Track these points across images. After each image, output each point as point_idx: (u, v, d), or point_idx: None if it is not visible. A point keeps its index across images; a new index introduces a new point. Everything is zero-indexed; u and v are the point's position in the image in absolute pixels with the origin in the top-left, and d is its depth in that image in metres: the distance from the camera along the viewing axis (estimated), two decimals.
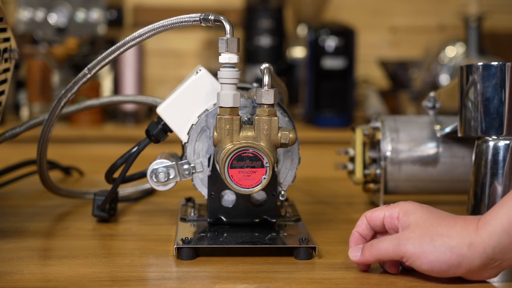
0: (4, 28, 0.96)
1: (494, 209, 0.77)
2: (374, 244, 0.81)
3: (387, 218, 0.82)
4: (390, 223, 0.82)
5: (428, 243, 0.77)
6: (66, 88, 0.94)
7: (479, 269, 0.77)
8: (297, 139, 0.89)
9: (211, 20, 0.89)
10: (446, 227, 0.78)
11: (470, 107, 0.94)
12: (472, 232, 0.77)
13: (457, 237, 0.77)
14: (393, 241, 0.79)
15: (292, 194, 1.13)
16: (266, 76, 0.86)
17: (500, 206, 0.77)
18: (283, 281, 0.79)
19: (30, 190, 1.25)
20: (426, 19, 2.93)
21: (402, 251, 0.78)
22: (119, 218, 1.06)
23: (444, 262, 0.76)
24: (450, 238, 0.77)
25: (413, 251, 0.77)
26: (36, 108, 2.43)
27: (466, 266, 0.77)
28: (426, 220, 0.79)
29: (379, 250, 0.80)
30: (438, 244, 0.77)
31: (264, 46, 2.58)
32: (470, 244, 0.76)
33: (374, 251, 0.80)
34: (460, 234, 0.77)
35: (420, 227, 0.79)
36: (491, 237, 0.75)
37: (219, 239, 0.88)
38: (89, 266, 0.84)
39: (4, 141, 1.04)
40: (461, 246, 0.76)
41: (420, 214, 0.80)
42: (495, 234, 0.75)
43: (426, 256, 0.77)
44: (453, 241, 0.76)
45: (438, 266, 0.77)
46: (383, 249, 0.80)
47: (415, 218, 0.80)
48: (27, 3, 2.52)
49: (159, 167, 0.94)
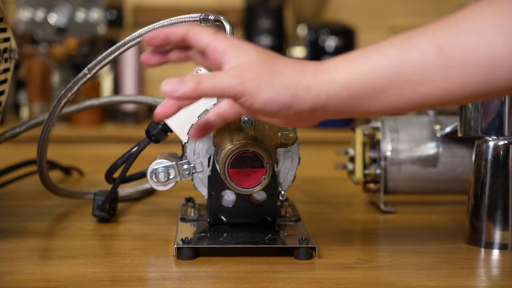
0: (4, 28, 0.96)
1: (340, 59, 0.73)
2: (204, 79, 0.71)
3: (212, 48, 0.73)
4: (214, 56, 0.73)
5: (265, 81, 0.71)
6: (66, 88, 0.94)
7: (307, 114, 0.73)
8: (297, 139, 0.89)
9: (211, 20, 0.89)
10: (284, 67, 0.72)
11: (470, 107, 0.94)
12: (311, 74, 0.72)
13: (295, 77, 0.71)
14: (228, 77, 0.71)
15: (292, 194, 1.13)
16: None
17: (348, 59, 0.72)
18: (283, 281, 0.79)
19: (30, 190, 1.25)
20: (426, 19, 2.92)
21: (238, 88, 0.70)
22: (119, 218, 1.06)
23: (278, 102, 0.71)
24: (288, 78, 0.71)
25: (249, 89, 0.70)
26: (36, 108, 2.43)
27: (297, 108, 0.71)
28: (262, 59, 0.72)
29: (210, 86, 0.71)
30: (275, 84, 0.71)
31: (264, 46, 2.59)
32: (307, 87, 0.71)
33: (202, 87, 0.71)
34: (299, 74, 0.72)
35: (257, 65, 0.72)
36: (330, 85, 0.71)
37: (219, 239, 0.88)
38: (89, 266, 0.84)
39: (4, 141, 1.04)
40: (297, 87, 0.71)
41: (255, 53, 0.73)
42: (335, 83, 0.71)
43: (261, 95, 0.71)
44: (290, 81, 0.71)
45: (271, 105, 0.71)
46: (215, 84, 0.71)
47: (249, 55, 0.72)
48: (27, 3, 2.52)
49: (159, 167, 0.94)
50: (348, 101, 0.72)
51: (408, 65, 0.70)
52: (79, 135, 2.37)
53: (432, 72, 0.70)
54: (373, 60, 0.71)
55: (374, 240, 1.00)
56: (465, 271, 0.84)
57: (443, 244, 0.94)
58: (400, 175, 1.10)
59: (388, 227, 1.06)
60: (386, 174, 1.10)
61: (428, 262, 0.86)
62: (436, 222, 1.07)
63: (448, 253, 0.90)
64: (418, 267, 0.84)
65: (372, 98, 0.71)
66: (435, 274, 0.82)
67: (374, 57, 0.71)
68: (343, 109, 0.73)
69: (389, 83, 0.71)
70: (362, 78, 0.71)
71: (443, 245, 0.94)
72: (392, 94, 0.71)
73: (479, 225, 0.92)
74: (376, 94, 0.71)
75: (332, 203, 1.19)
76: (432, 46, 0.70)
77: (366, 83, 0.71)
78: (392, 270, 0.84)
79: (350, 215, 1.12)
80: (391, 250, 0.92)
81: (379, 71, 0.71)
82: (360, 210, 1.15)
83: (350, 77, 0.71)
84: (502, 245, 0.91)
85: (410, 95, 0.71)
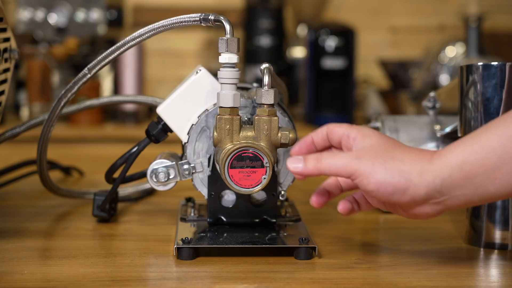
0: (4, 28, 0.96)
1: (453, 144, 0.76)
2: (324, 156, 0.79)
3: (345, 136, 0.81)
4: (346, 142, 0.81)
5: (380, 163, 0.76)
6: (66, 88, 0.94)
7: (423, 200, 0.76)
8: (297, 139, 0.89)
9: (211, 20, 0.89)
10: (401, 153, 0.77)
11: (470, 107, 0.94)
12: (426, 161, 0.76)
13: (409, 162, 0.76)
14: (345, 157, 0.78)
15: (292, 194, 1.13)
16: (266, 76, 0.86)
17: (459, 143, 0.76)
18: (283, 281, 0.79)
19: (30, 190, 1.25)
20: (426, 19, 2.93)
21: (354, 167, 0.77)
22: (119, 218, 1.06)
23: (391, 184, 0.75)
24: (403, 163, 0.76)
25: (364, 169, 0.76)
26: (36, 108, 2.43)
27: (412, 193, 0.75)
28: (382, 144, 0.78)
29: (329, 163, 0.78)
30: (390, 166, 0.76)
31: (264, 46, 2.59)
32: (421, 172, 0.75)
33: (322, 164, 0.78)
34: (414, 161, 0.76)
35: (375, 149, 0.78)
36: (443, 169, 0.75)
37: (219, 239, 0.88)
38: (89, 266, 0.84)
39: (4, 141, 1.04)
40: (411, 172, 0.75)
41: (377, 139, 0.79)
42: (448, 167, 0.74)
43: (375, 176, 0.76)
44: (404, 166, 0.76)
45: (384, 187, 0.76)
46: (334, 163, 0.78)
47: (371, 141, 0.79)
48: (27, 3, 2.52)
49: (159, 167, 0.94)
50: (463, 183, 0.74)
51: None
52: (79, 135, 2.37)
53: None
54: (482, 139, 0.74)
55: (374, 240, 1.00)
56: (465, 271, 0.84)
57: (443, 244, 0.94)
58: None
59: (388, 227, 1.06)
60: None
61: (428, 262, 0.86)
62: (436, 222, 1.07)
63: (448, 253, 0.90)
64: (418, 267, 0.84)
65: (487, 177, 0.74)
66: (435, 274, 0.82)
67: (482, 136, 0.75)
68: (460, 194, 0.75)
69: (501, 159, 0.73)
70: (473, 157, 0.74)
71: (443, 245, 0.94)
72: (506, 171, 0.73)
73: (479, 225, 0.92)
74: (491, 172, 0.73)
75: (332, 203, 1.19)
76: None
77: (478, 162, 0.74)
78: (392, 270, 0.84)
79: (350, 215, 1.11)
80: (391, 250, 0.92)
81: (489, 148, 0.73)
82: None
83: (462, 158, 0.74)
84: (502, 245, 0.91)
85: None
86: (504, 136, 0.73)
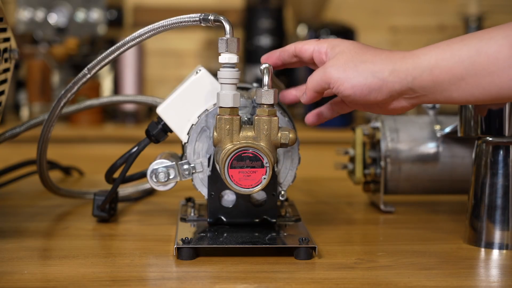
0: (4, 28, 0.96)
1: (427, 47, 0.80)
2: (308, 79, 0.86)
3: (316, 53, 0.87)
4: (319, 58, 0.88)
5: (351, 68, 0.82)
6: (66, 88, 0.94)
7: (399, 95, 0.81)
8: (297, 139, 0.89)
9: (211, 20, 0.89)
10: (371, 55, 0.82)
11: (470, 107, 0.94)
12: (398, 59, 0.80)
13: (380, 63, 0.81)
14: (320, 70, 0.84)
15: (292, 194, 1.13)
16: (266, 76, 0.86)
17: (434, 47, 0.80)
18: (283, 281, 0.79)
19: (30, 190, 1.25)
20: (426, 19, 2.93)
21: (328, 77, 0.83)
22: (119, 218, 1.06)
23: (366, 85, 0.81)
24: (373, 64, 0.81)
25: (338, 76, 0.82)
26: (36, 108, 2.43)
27: (387, 90, 0.81)
28: (352, 50, 0.83)
29: (311, 81, 0.85)
30: (361, 69, 0.81)
31: (264, 46, 2.58)
32: (392, 70, 0.80)
33: (308, 84, 0.86)
34: (384, 61, 0.81)
35: (346, 55, 0.83)
36: (415, 69, 0.79)
37: (219, 239, 0.88)
38: (89, 266, 0.84)
39: (4, 141, 1.04)
40: (383, 71, 0.80)
41: (347, 45, 0.85)
42: (419, 67, 0.79)
43: (349, 80, 0.81)
44: (376, 67, 0.81)
45: (360, 90, 0.81)
46: (313, 79, 0.85)
47: (341, 48, 0.84)
48: (27, 3, 2.52)
49: (159, 167, 0.94)
50: (431, 85, 0.79)
51: (485, 55, 0.76)
52: (79, 135, 2.37)
53: (505, 64, 0.76)
54: (454, 48, 0.78)
55: (374, 240, 1.00)
56: (465, 271, 0.84)
57: (443, 244, 0.94)
58: (400, 175, 1.10)
59: (388, 227, 1.06)
60: (386, 174, 1.10)
61: (428, 262, 0.86)
62: (436, 222, 1.07)
63: (448, 253, 0.90)
64: (418, 267, 0.84)
65: (453, 84, 0.78)
66: (435, 274, 0.82)
67: (456, 46, 0.79)
68: (429, 93, 0.80)
69: (467, 71, 0.77)
70: (443, 63, 0.78)
71: (443, 245, 0.94)
72: (471, 82, 0.78)
73: (479, 225, 0.92)
74: (457, 80, 0.78)
75: (332, 203, 1.19)
76: (506, 40, 0.76)
77: (447, 69, 0.78)
78: (392, 270, 0.84)
79: (350, 215, 1.12)
80: (391, 250, 0.92)
81: (458, 58, 0.78)
82: (360, 210, 1.15)
83: (433, 62, 0.79)
84: (502, 245, 0.91)
85: (487, 85, 0.77)
86: (474, 50, 0.77)
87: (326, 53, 0.86)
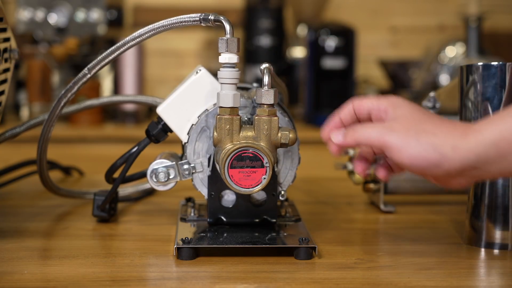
0: (4, 28, 0.96)
1: (488, 120, 0.76)
2: (357, 128, 0.79)
3: (375, 109, 0.81)
4: (377, 115, 0.80)
5: (412, 136, 0.76)
6: (66, 88, 0.94)
7: (457, 173, 0.76)
8: (297, 139, 0.89)
9: (211, 20, 0.89)
10: (434, 125, 0.77)
11: (470, 107, 0.94)
12: (459, 135, 0.75)
13: (442, 136, 0.75)
14: (378, 128, 0.78)
15: (292, 194, 1.13)
16: (266, 76, 0.86)
17: (494, 119, 0.75)
18: (283, 281, 0.79)
19: (30, 190, 1.25)
20: (426, 19, 2.93)
21: (386, 139, 0.77)
22: (119, 218, 1.06)
23: (425, 158, 0.75)
24: (435, 136, 0.75)
25: (396, 142, 0.76)
26: (36, 108, 2.43)
27: (446, 167, 0.75)
28: (414, 115, 0.78)
29: (362, 134, 0.79)
30: (423, 140, 0.75)
31: (264, 46, 2.58)
32: (454, 146, 0.75)
33: (356, 135, 0.79)
34: (446, 134, 0.76)
35: (407, 120, 0.77)
36: (478, 145, 0.74)
37: (219, 239, 0.88)
38: (89, 266, 0.84)
39: (4, 141, 1.04)
40: (445, 146, 0.75)
41: (409, 109, 0.79)
42: (483, 143, 0.74)
43: (408, 149, 0.75)
44: (437, 139, 0.75)
45: (419, 162, 0.75)
46: (367, 134, 0.78)
47: (403, 111, 0.78)
48: (27, 3, 2.52)
49: (159, 167, 0.94)
50: (498, 159, 0.74)
51: None
52: (79, 135, 2.37)
53: None
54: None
55: (374, 240, 1.00)
56: (465, 271, 0.84)
57: (443, 244, 0.94)
58: (400, 175, 1.10)
59: (388, 227, 1.06)
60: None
61: (428, 262, 0.86)
62: (436, 222, 1.07)
63: (448, 253, 0.90)
64: (418, 267, 0.84)
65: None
66: (435, 274, 0.82)
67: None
68: (494, 168, 0.75)
69: None
70: (509, 135, 0.73)
71: (443, 245, 0.94)
72: None
73: (479, 225, 0.92)
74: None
75: (332, 203, 1.19)
76: None
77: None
78: (392, 270, 0.84)
79: (350, 215, 1.12)
80: (391, 250, 0.92)
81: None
82: (360, 210, 1.15)
83: (498, 134, 0.74)
84: (502, 245, 0.91)
85: None
86: None
87: (386, 111, 0.79)
